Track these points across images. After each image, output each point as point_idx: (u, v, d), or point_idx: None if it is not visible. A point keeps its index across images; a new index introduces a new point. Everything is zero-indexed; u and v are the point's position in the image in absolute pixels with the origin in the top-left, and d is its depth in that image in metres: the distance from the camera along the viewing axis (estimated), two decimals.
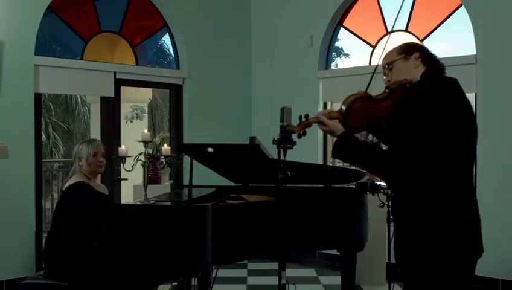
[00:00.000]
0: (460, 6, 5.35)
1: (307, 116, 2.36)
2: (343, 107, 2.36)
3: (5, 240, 4.99)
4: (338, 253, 3.62)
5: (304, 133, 2.34)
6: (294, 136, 2.34)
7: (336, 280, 4.53)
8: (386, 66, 2.45)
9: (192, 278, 3.55)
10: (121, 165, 4.16)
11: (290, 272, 3.40)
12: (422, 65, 2.39)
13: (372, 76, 2.45)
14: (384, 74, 2.47)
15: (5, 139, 5.02)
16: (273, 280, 4.06)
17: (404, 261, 2.30)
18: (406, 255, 2.28)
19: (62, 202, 3.63)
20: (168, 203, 3.52)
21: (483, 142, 2.34)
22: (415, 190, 2.22)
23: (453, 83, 2.33)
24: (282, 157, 2.35)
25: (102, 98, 6.00)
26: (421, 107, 2.19)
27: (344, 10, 6.28)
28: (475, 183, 4.98)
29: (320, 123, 2.37)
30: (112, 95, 5.87)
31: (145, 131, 4.11)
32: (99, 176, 3.99)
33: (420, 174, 2.19)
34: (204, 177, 3.78)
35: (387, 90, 2.39)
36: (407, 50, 2.42)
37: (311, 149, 6.21)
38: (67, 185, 3.63)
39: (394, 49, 2.48)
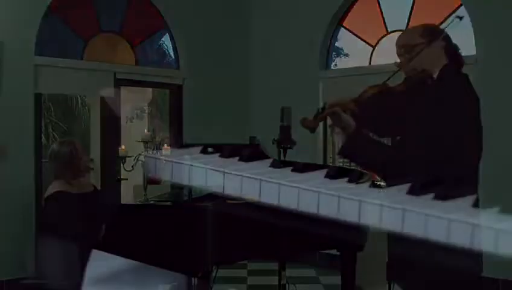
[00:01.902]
0: (460, 6, 5.34)
1: (323, 109, 2.19)
2: (361, 100, 2.19)
3: (5, 240, 4.99)
4: (338, 253, 3.62)
5: (317, 125, 2.21)
6: (295, 136, 2.34)
7: (336, 280, 4.52)
8: (404, 49, 2.17)
9: (192, 278, 3.55)
10: (121, 165, 4.16)
11: (290, 272, 3.41)
12: (445, 57, 2.14)
13: (393, 74, 2.27)
14: (399, 54, 2.20)
15: (5, 139, 5.02)
16: (273, 280, 4.06)
17: (404, 251, 2.25)
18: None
19: (44, 212, 3.59)
20: (168, 203, 3.51)
21: (483, 142, 2.33)
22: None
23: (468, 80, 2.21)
24: (282, 157, 2.35)
25: (102, 98, 6.00)
26: (457, 115, 2.06)
27: (344, 10, 6.28)
28: None
29: (335, 115, 2.14)
30: (112, 95, 5.87)
31: (145, 131, 4.11)
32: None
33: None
34: None
35: (406, 83, 2.20)
36: (431, 35, 2.13)
37: (311, 149, 6.21)
38: (46, 194, 3.48)
39: (416, 29, 2.21)
